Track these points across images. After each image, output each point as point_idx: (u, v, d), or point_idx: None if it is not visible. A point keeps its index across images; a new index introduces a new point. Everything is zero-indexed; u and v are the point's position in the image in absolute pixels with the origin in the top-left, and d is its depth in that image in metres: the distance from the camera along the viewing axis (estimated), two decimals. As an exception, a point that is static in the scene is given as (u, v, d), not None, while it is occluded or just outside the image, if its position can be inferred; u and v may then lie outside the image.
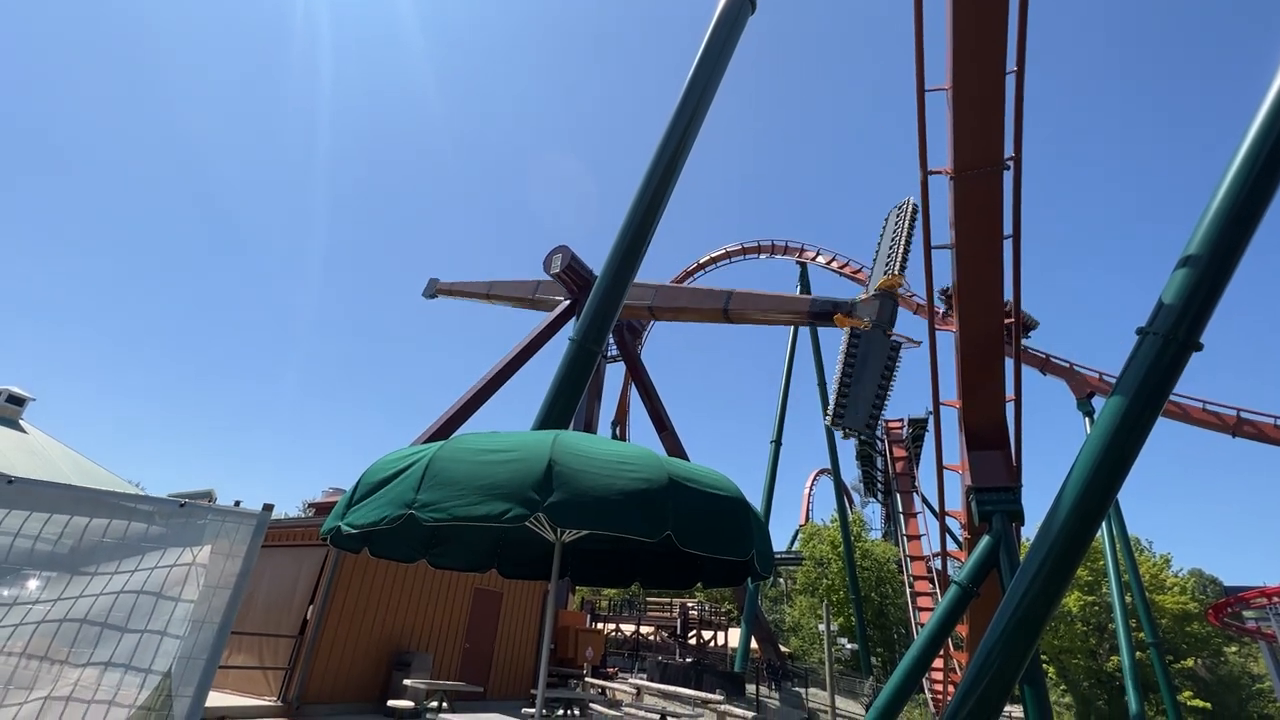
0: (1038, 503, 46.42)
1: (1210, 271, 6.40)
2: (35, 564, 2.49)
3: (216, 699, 9.66)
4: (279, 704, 10.02)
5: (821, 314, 22.44)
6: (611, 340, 28.33)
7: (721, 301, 23.90)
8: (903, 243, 20.26)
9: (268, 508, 3.03)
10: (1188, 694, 38.75)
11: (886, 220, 22.09)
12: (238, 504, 3.14)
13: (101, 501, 2.65)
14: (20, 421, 22.43)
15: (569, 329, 21.71)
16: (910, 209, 20.63)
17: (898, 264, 20.03)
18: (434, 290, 35.31)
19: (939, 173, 10.80)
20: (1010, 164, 10.08)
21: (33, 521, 2.49)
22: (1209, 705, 39.12)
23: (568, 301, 27.29)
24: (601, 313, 8.84)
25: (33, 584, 2.49)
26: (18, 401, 22.56)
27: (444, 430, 24.75)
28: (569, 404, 8.48)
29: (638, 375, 28.49)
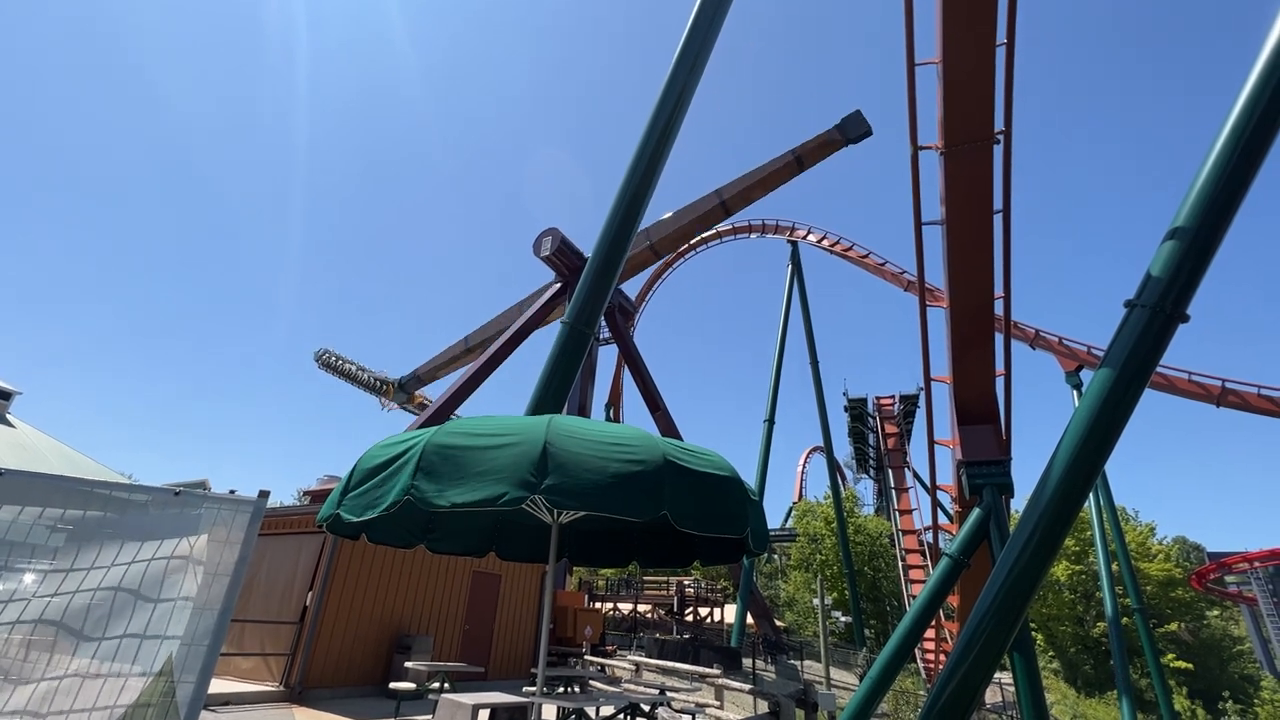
0: (1027, 475, 47.20)
1: (1197, 244, 6.43)
2: (30, 558, 2.48)
3: (219, 685, 9.75)
4: (282, 689, 10.12)
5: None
6: (603, 323, 28.24)
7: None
8: None
9: (263, 494, 3.02)
10: (1171, 657, 39.90)
11: None
12: (232, 492, 3.14)
13: (96, 493, 2.64)
14: (8, 416, 22.18)
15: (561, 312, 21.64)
16: None
17: None
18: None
19: (929, 148, 10.74)
20: (1000, 138, 10.04)
21: (25, 515, 2.47)
22: (1191, 666, 40.31)
23: (559, 284, 27.11)
24: (593, 295, 8.79)
25: (29, 578, 2.48)
26: (4, 396, 22.29)
27: (438, 416, 24.70)
28: (562, 387, 8.47)
29: (630, 357, 28.46)
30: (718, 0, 9.65)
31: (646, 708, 8.45)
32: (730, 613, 33.16)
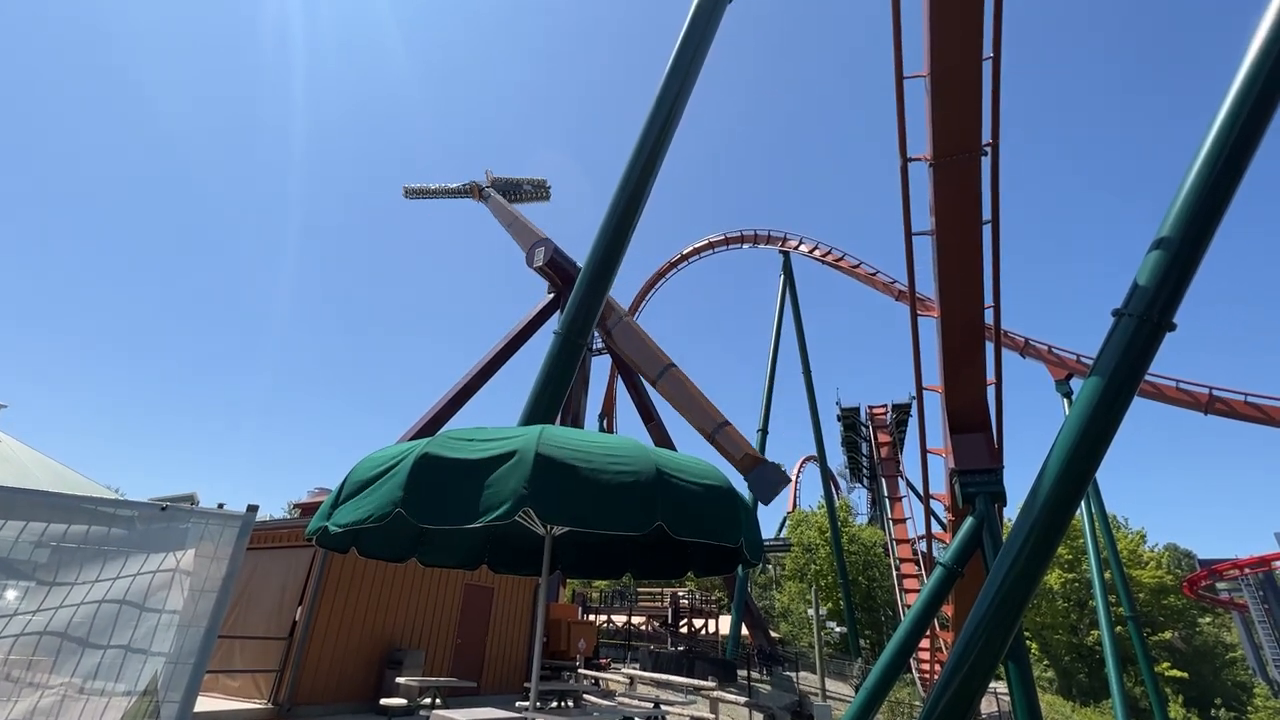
0: (1019, 483, 47.33)
1: (1182, 254, 6.53)
2: (13, 574, 2.43)
3: (206, 704, 9.56)
4: (270, 706, 9.94)
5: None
6: (596, 333, 28.23)
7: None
8: None
9: (252, 508, 2.98)
10: (1165, 665, 39.95)
11: None
12: (221, 506, 3.10)
13: (80, 508, 2.60)
14: (-8, 429, 21.85)
15: (554, 323, 21.62)
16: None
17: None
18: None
19: (918, 159, 10.86)
20: (988, 150, 10.17)
21: (8, 530, 2.43)
22: (1185, 674, 40.35)
23: (551, 295, 27.17)
24: (586, 305, 8.79)
25: (11, 595, 2.43)
26: (-12, 409, 21.98)
27: (430, 427, 24.58)
28: (555, 397, 8.45)
29: (623, 367, 28.49)
30: (711, 7, 9.77)
31: (641, 721, 8.36)
32: (725, 624, 32.95)
